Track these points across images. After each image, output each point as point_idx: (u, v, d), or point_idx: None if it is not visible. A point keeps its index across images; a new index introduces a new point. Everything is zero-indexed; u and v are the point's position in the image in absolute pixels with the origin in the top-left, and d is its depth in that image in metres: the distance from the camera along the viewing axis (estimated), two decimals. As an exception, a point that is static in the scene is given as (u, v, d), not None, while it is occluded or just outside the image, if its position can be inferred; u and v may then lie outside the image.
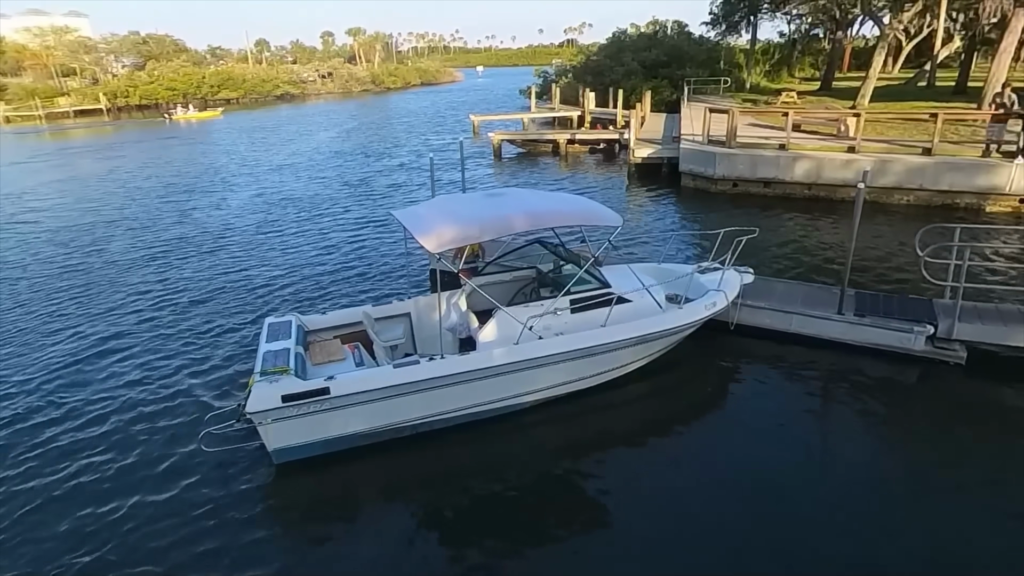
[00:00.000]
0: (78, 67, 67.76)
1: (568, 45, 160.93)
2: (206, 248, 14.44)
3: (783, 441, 6.72)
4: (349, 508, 5.99)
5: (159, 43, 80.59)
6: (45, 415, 7.59)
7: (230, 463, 6.48)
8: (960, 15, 30.59)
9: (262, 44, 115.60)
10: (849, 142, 16.67)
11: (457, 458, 6.63)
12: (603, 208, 7.53)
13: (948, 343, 7.83)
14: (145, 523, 5.77)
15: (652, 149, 20.72)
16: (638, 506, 5.85)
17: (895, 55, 40.00)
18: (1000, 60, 20.16)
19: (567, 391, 7.26)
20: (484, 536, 5.59)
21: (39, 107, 54.85)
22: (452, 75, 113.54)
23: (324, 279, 12.03)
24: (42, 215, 18.56)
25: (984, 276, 10.13)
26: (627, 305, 7.17)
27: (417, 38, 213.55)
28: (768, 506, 5.75)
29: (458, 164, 15.47)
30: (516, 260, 8.55)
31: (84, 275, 12.78)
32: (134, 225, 16.89)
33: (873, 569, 5.07)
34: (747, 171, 16.86)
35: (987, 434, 6.74)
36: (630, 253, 12.16)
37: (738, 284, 8.25)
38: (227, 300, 11.12)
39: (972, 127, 18.37)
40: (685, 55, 38.51)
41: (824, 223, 14.39)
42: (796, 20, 42.60)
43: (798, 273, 11.00)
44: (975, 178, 14.62)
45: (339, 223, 16.35)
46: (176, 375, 8.41)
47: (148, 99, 63.58)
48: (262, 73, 79.41)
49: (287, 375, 6.12)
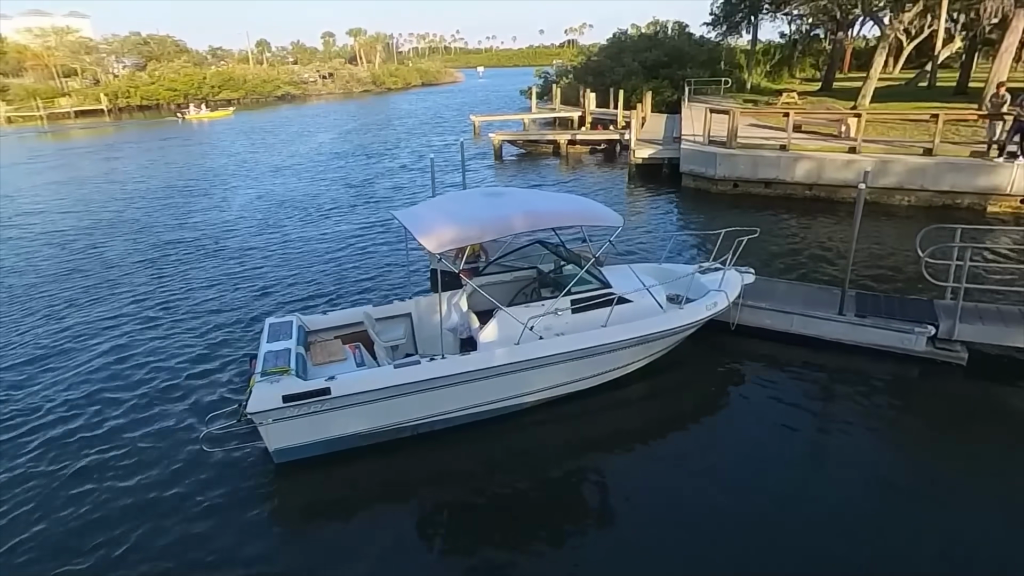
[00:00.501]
0: (79, 68, 67.83)
1: (569, 46, 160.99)
2: (208, 248, 14.44)
3: (783, 442, 6.72)
4: (350, 508, 5.98)
5: (160, 44, 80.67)
6: (45, 414, 7.59)
7: (231, 463, 6.48)
8: (961, 15, 30.57)
9: (263, 45, 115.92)
10: (850, 142, 16.67)
11: (458, 458, 6.62)
12: (604, 208, 7.53)
13: (949, 344, 7.83)
14: (145, 522, 5.77)
15: (653, 150, 20.72)
16: (638, 506, 5.84)
17: (896, 56, 39.97)
18: (1001, 60, 20.15)
19: (568, 391, 7.26)
20: (484, 536, 5.59)
21: (40, 107, 54.92)
22: (453, 76, 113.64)
23: (325, 279, 12.04)
24: (48, 215, 18.58)
25: (985, 277, 10.13)
26: (628, 305, 7.17)
27: (418, 39, 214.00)
28: (768, 506, 5.74)
29: (459, 165, 15.48)
30: (517, 260, 8.55)
31: (84, 276, 12.78)
32: (137, 225, 16.91)
33: (873, 570, 5.06)
34: (748, 172, 16.86)
35: (988, 435, 6.74)
36: (631, 253, 12.16)
37: (739, 284, 8.24)
38: (229, 300, 11.12)
39: (973, 127, 18.37)
40: (686, 55, 38.51)
41: (825, 224, 14.39)
42: (797, 21, 42.55)
43: (799, 274, 11.00)
44: (976, 179, 14.61)
45: (340, 224, 16.35)
46: (177, 375, 8.41)
47: (149, 100, 63.68)
48: (263, 74, 79.46)
49: (288, 375, 6.11)
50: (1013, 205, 14.51)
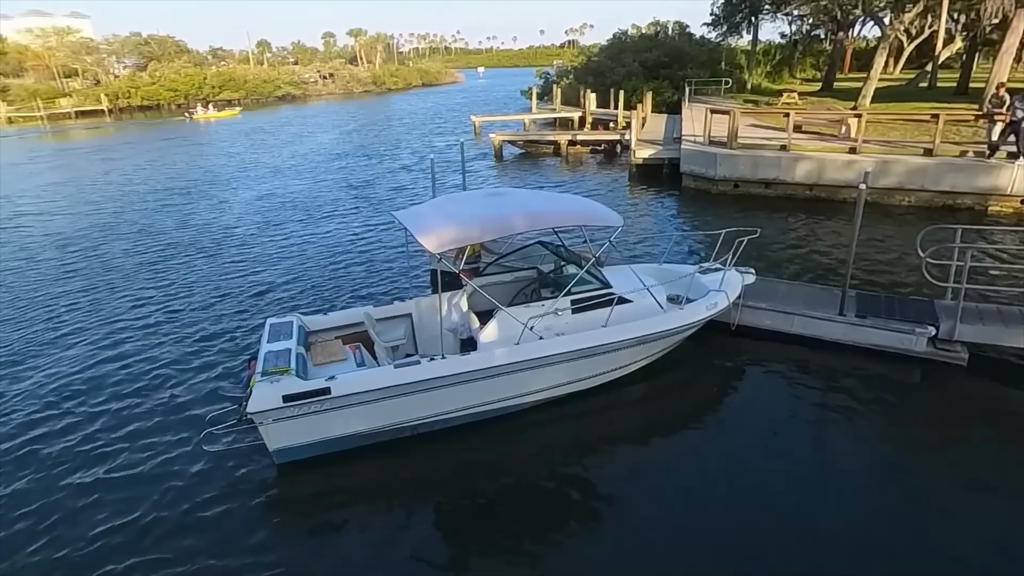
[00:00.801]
0: (80, 68, 67.89)
1: (569, 46, 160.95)
2: (209, 249, 14.45)
3: (784, 442, 6.71)
4: (350, 509, 5.98)
5: (161, 44, 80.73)
6: (47, 413, 7.59)
7: (231, 463, 6.49)
8: (961, 16, 30.55)
9: (263, 45, 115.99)
10: (850, 143, 16.67)
11: (458, 459, 6.62)
12: (604, 208, 7.52)
13: (950, 344, 7.82)
14: (145, 520, 5.78)
15: (653, 150, 20.72)
16: (638, 507, 5.84)
17: (896, 56, 39.94)
18: (1002, 61, 20.15)
19: (568, 392, 7.26)
20: (484, 536, 5.59)
21: (41, 108, 54.94)
22: (453, 76, 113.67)
23: (327, 280, 12.04)
24: (49, 216, 18.59)
25: (986, 277, 10.12)
26: (628, 305, 7.17)
27: (418, 39, 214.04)
28: (768, 507, 5.74)
29: (460, 165, 15.48)
30: (518, 261, 8.55)
31: (85, 278, 12.78)
32: (138, 226, 16.92)
33: (873, 570, 5.06)
34: (748, 172, 16.85)
35: (989, 436, 6.73)
36: (631, 253, 12.16)
37: (739, 285, 8.24)
38: (230, 300, 11.12)
39: (974, 128, 18.36)
40: (686, 56, 38.46)
41: (825, 224, 14.38)
42: (797, 21, 42.51)
43: (799, 274, 10.99)
44: (977, 179, 14.61)
45: (342, 224, 16.36)
46: (178, 374, 8.42)
47: (150, 100, 63.71)
48: (263, 74, 79.50)
49: (288, 375, 6.12)
50: (1014, 205, 14.49)
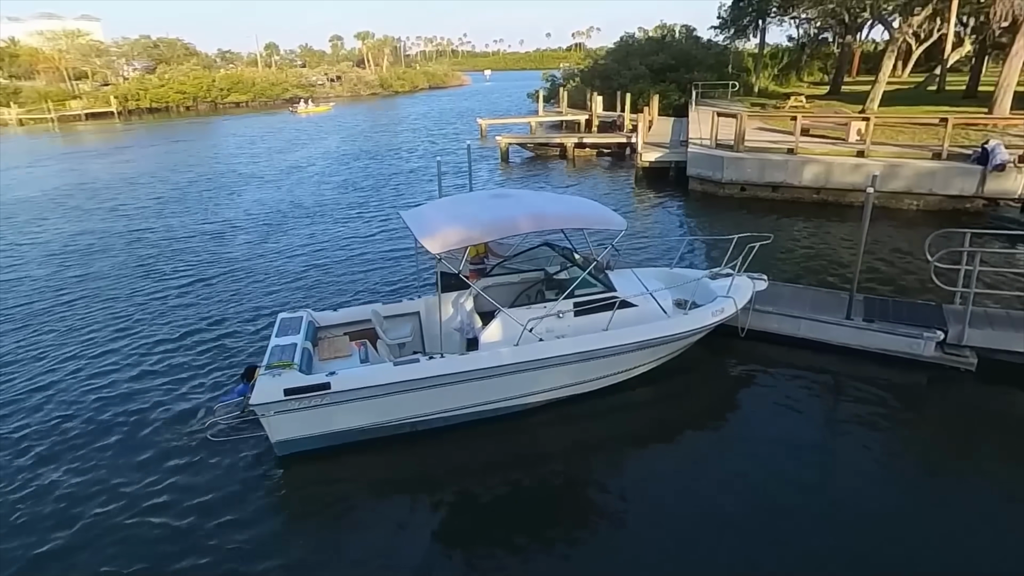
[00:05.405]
0: (90, 70, 68.37)
1: (576, 49, 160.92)
2: (226, 244, 14.66)
3: (791, 446, 6.67)
4: (350, 502, 6.04)
5: (170, 47, 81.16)
6: (55, 401, 7.71)
7: (235, 454, 6.61)
8: (970, 19, 30.43)
9: (272, 48, 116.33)
10: (858, 146, 16.59)
11: (458, 457, 6.65)
12: (607, 211, 7.52)
13: (958, 349, 7.77)
14: (149, 510, 5.87)
15: (660, 153, 20.71)
16: (642, 509, 5.83)
17: (905, 59, 39.82)
18: (1011, 64, 20.00)
19: (570, 394, 7.25)
20: (483, 534, 5.61)
21: (51, 110, 55.37)
22: (460, 79, 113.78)
23: (341, 277, 12.26)
24: (76, 213, 18.75)
25: (995, 282, 10.04)
26: (631, 309, 7.15)
27: (425, 42, 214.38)
28: (775, 510, 5.71)
29: (466, 168, 15.52)
30: (527, 263, 8.56)
31: (96, 280, 12.85)
32: (159, 221, 17.05)
33: (880, 573, 5.03)
34: (755, 175, 16.81)
35: (997, 441, 6.68)
36: (637, 257, 12.13)
37: (750, 291, 8.18)
38: (245, 295, 11.36)
39: (983, 131, 18.24)
40: (693, 59, 38.44)
41: (833, 227, 14.32)
42: (805, 24, 42.45)
43: (807, 278, 10.95)
44: (985, 183, 14.50)
45: (356, 223, 16.55)
46: (188, 366, 8.58)
47: (158, 102, 64.16)
48: (271, 77, 79.76)
49: (290, 369, 6.22)
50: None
